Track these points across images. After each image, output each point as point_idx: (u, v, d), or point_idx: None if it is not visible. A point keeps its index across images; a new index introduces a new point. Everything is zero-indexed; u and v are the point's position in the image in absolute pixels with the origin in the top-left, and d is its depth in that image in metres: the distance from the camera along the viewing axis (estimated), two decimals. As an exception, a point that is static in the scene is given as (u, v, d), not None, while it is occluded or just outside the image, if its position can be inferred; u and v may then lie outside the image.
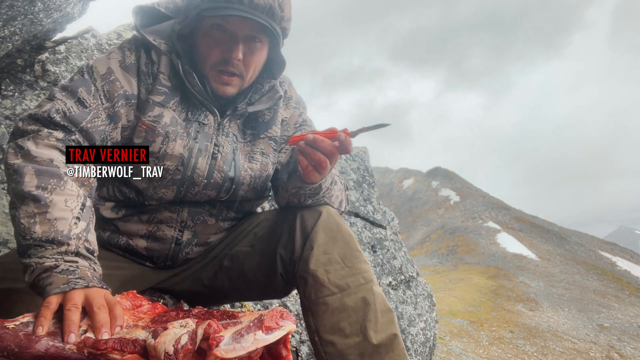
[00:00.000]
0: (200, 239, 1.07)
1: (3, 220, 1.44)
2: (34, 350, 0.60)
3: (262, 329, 0.63)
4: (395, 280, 2.80)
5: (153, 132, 0.95)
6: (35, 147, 0.80)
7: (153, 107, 0.95)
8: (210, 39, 0.95)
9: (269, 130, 1.08)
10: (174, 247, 1.04)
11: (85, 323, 0.66)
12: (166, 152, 0.96)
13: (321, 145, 0.82)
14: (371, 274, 0.94)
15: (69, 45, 1.87)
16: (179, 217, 1.03)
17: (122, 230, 1.04)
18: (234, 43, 0.93)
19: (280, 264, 0.99)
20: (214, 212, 1.07)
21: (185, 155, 0.97)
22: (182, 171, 0.97)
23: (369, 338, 0.86)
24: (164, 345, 0.60)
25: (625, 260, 23.46)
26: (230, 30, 0.93)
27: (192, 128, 0.99)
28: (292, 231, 0.97)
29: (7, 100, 1.64)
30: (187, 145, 0.97)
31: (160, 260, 1.06)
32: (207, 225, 1.06)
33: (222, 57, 0.95)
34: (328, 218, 0.97)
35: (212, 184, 1.00)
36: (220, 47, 0.94)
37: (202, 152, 0.99)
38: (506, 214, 28.30)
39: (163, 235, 1.03)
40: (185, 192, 1.00)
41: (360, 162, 3.36)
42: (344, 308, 0.88)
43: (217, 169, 1.00)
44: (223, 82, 0.97)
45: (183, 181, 0.98)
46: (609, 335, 10.90)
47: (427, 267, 20.84)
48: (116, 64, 0.95)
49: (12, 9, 1.34)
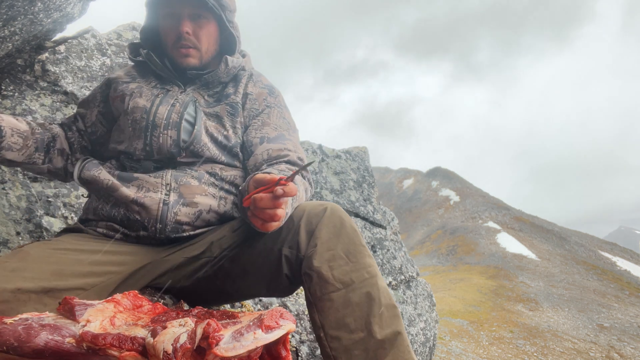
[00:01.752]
0: (186, 198, 1.12)
1: (3, 220, 1.45)
2: (33, 344, 0.60)
3: (262, 328, 0.63)
4: (395, 280, 2.80)
5: (122, 97, 1.19)
6: None
7: (120, 84, 1.22)
8: (165, 25, 1.19)
9: (229, 98, 1.24)
10: (162, 207, 1.10)
11: (85, 319, 0.67)
12: (133, 106, 1.16)
13: (263, 204, 0.83)
14: (375, 269, 0.95)
15: (69, 45, 1.87)
16: (163, 180, 1.12)
17: (119, 200, 1.11)
18: (180, 20, 1.16)
19: (286, 264, 0.99)
20: (196, 176, 1.14)
21: (147, 106, 1.17)
22: (145, 118, 1.15)
23: (373, 333, 0.86)
24: (163, 344, 0.60)
25: (625, 260, 23.48)
26: (176, 13, 1.16)
27: (157, 90, 1.21)
28: (297, 230, 0.97)
29: (7, 100, 1.64)
30: (150, 99, 1.18)
31: (151, 223, 1.10)
32: (191, 186, 1.14)
33: (176, 35, 1.17)
34: (332, 214, 0.98)
35: (171, 123, 1.15)
36: (173, 29, 1.17)
37: (163, 102, 1.18)
38: (506, 214, 28.33)
39: (151, 199, 1.10)
40: (150, 137, 1.14)
41: (360, 162, 3.36)
42: (349, 303, 0.89)
43: (175, 112, 1.17)
44: (182, 54, 1.18)
45: (147, 127, 1.14)
46: (609, 335, 10.91)
47: (427, 267, 20.86)
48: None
49: (12, 9, 1.34)
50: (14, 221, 1.47)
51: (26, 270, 0.89)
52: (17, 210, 1.50)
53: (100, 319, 0.68)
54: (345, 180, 3.08)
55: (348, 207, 2.86)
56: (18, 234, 1.47)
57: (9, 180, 1.54)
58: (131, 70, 1.28)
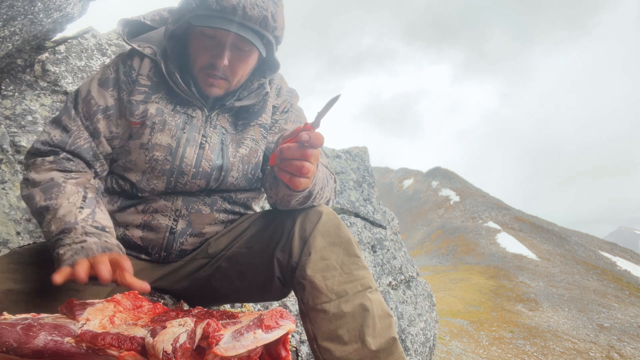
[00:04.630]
0: (194, 228, 1.08)
1: (3, 220, 1.45)
2: (32, 345, 0.60)
3: (262, 328, 0.63)
4: (395, 280, 2.80)
5: (142, 126, 1.03)
6: (37, 174, 0.96)
7: (137, 106, 1.03)
8: (199, 43, 1.00)
9: (259, 118, 1.13)
10: (168, 236, 1.06)
11: (84, 318, 0.67)
12: (154, 142, 1.02)
13: (290, 153, 0.78)
14: (369, 280, 0.93)
15: (69, 45, 1.87)
16: (173, 205, 1.06)
17: (119, 221, 1.07)
18: (221, 50, 0.98)
19: (278, 267, 0.98)
20: (208, 202, 1.09)
21: (173, 146, 1.03)
22: (170, 161, 1.02)
23: (367, 344, 0.85)
24: (163, 344, 0.60)
25: (625, 260, 23.47)
26: (218, 38, 0.98)
27: (181, 119, 1.05)
28: (291, 235, 0.96)
29: (7, 100, 1.64)
30: (175, 135, 1.03)
31: (155, 250, 1.07)
32: (202, 214, 1.08)
33: (209, 62, 1.00)
34: (327, 222, 0.96)
35: (201, 172, 1.04)
36: (208, 53, 0.99)
37: (189, 142, 1.04)
38: (506, 214, 28.31)
39: (157, 225, 1.05)
40: (175, 182, 1.04)
41: (360, 162, 3.36)
42: (342, 315, 0.87)
43: (205, 158, 1.05)
44: (209, 84, 1.03)
45: (172, 171, 1.03)
46: (609, 335, 10.90)
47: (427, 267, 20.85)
48: (94, 84, 1.05)
49: (12, 9, 1.34)
50: (14, 221, 1.47)
51: (18, 271, 0.88)
52: (17, 210, 1.50)
53: (99, 318, 0.68)
54: (345, 180, 3.08)
55: (348, 207, 2.86)
56: (18, 234, 1.47)
57: (9, 180, 1.54)
58: (148, 71, 1.06)
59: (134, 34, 1.11)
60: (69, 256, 0.83)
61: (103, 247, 0.86)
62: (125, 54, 1.08)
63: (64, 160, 0.99)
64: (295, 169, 0.79)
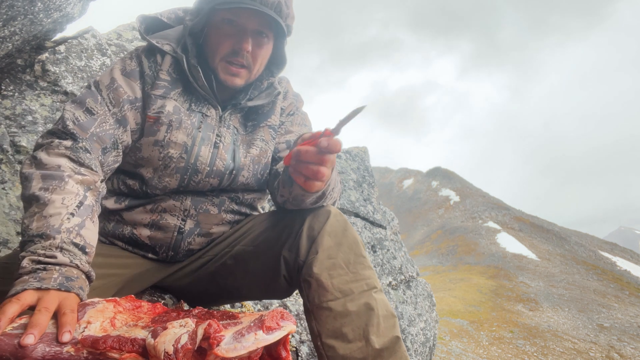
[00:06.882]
0: (202, 228, 1.09)
1: (3, 220, 1.44)
2: (30, 359, 0.59)
3: (263, 328, 0.63)
4: (395, 280, 2.80)
5: (158, 122, 1.01)
6: (47, 156, 0.88)
7: (155, 101, 1.02)
8: (221, 32, 1.01)
9: (268, 119, 1.15)
10: (177, 235, 1.06)
11: (85, 321, 0.66)
12: (170, 140, 1.01)
13: (308, 157, 0.79)
14: (375, 280, 0.94)
15: (69, 45, 1.87)
16: (182, 205, 1.06)
17: (127, 220, 1.06)
18: (244, 35, 1.00)
19: (284, 266, 0.99)
20: (217, 202, 1.10)
21: (188, 144, 1.03)
22: (185, 159, 1.03)
23: (371, 343, 0.86)
24: (164, 345, 0.60)
25: (625, 260, 23.48)
26: (241, 24, 1.00)
27: (196, 118, 1.05)
28: (298, 234, 0.97)
29: (7, 100, 1.64)
30: (191, 134, 1.03)
31: (163, 250, 1.07)
32: (210, 215, 1.09)
33: (232, 49, 1.01)
34: (335, 222, 0.97)
35: (215, 171, 1.05)
36: (231, 40, 1.01)
37: (204, 141, 1.04)
38: (506, 214, 28.32)
39: (166, 224, 1.05)
40: (189, 180, 1.04)
41: (360, 162, 3.36)
42: (347, 313, 0.88)
43: (220, 157, 1.06)
44: (231, 72, 1.03)
45: (187, 169, 1.03)
46: (609, 335, 10.90)
47: (427, 267, 20.86)
48: (118, 73, 1.02)
49: (12, 9, 1.34)
50: (14, 221, 1.47)
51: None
52: (17, 210, 1.50)
53: (100, 320, 0.68)
54: (345, 180, 3.08)
55: (348, 207, 2.86)
56: (18, 234, 1.47)
57: (9, 180, 1.54)
58: (168, 67, 1.05)
59: (150, 31, 1.12)
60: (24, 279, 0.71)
61: (60, 284, 0.71)
62: (146, 49, 1.08)
63: (80, 150, 0.91)
64: (311, 173, 0.80)
